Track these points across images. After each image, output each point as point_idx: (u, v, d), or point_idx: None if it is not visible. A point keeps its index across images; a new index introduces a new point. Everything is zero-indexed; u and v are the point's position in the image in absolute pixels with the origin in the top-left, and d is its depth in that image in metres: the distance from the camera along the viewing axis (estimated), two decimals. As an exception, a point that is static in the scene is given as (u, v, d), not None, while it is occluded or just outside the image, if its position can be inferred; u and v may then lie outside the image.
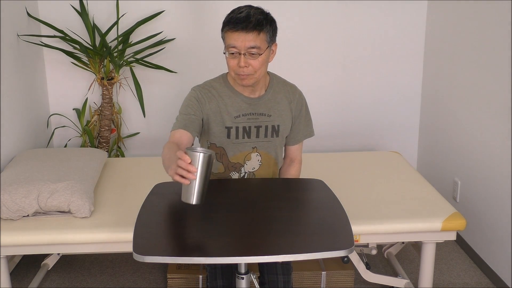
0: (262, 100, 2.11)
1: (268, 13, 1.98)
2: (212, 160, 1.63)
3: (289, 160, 2.29)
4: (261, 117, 2.11)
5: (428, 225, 2.34)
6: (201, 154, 1.60)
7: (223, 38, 1.97)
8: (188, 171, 1.58)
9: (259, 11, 1.95)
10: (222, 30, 1.96)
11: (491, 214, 2.87)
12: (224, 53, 1.98)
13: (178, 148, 1.89)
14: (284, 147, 2.28)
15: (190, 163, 1.58)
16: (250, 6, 1.96)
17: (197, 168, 1.60)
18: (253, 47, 1.91)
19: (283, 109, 2.14)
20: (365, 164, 3.00)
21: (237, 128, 2.09)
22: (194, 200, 1.63)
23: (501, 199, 2.77)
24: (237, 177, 2.17)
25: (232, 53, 1.94)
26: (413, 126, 3.79)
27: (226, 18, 1.96)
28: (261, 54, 1.94)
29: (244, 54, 1.92)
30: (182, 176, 1.59)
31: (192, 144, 2.06)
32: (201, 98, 2.06)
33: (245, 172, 2.17)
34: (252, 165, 2.16)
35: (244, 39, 1.90)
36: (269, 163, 2.19)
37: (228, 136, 2.10)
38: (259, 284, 1.99)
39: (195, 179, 1.60)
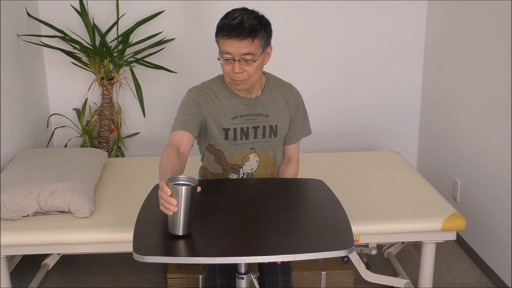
0: (259, 100, 2.11)
1: (262, 16, 1.96)
2: (195, 190, 1.63)
3: (287, 160, 2.28)
4: (259, 118, 2.11)
5: (428, 225, 2.34)
6: (183, 188, 1.59)
7: (217, 43, 1.97)
8: (169, 203, 1.59)
9: (253, 15, 1.93)
10: (216, 35, 1.96)
11: (491, 214, 2.87)
12: (218, 59, 1.97)
13: (177, 154, 1.89)
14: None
15: (171, 195, 1.60)
16: (244, 10, 1.95)
17: (181, 201, 1.60)
18: (247, 54, 1.91)
19: (280, 109, 2.14)
20: (365, 164, 3.00)
21: (234, 129, 2.09)
22: (180, 231, 1.64)
23: (501, 199, 2.77)
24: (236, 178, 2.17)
25: (227, 59, 1.94)
26: (413, 126, 3.79)
27: (219, 23, 1.94)
28: (256, 60, 1.94)
29: (239, 61, 1.92)
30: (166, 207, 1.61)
31: (194, 141, 2.06)
32: (198, 99, 2.06)
33: (244, 173, 2.17)
34: (251, 166, 2.16)
35: (238, 46, 1.89)
36: (268, 164, 2.18)
37: (226, 137, 2.09)
38: (259, 284, 1.99)
39: (178, 210, 1.61)
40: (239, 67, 1.93)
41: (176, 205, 1.59)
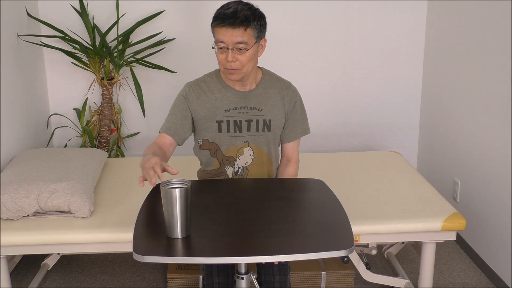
0: (253, 94, 2.14)
1: (257, 8, 2.02)
2: (189, 190, 1.62)
3: (286, 160, 2.28)
4: (252, 111, 2.14)
5: (428, 225, 2.34)
6: (177, 190, 1.60)
7: (213, 32, 2.03)
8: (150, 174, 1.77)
9: (247, 7, 1.99)
10: (212, 25, 2.01)
11: (491, 214, 2.87)
12: (213, 47, 2.02)
13: (160, 149, 2.04)
14: (280, 146, 2.29)
15: (165, 200, 1.62)
16: (239, 2, 2.01)
17: (176, 204, 1.61)
18: (240, 42, 1.96)
19: (274, 104, 2.16)
20: (365, 164, 3.00)
21: (228, 122, 2.12)
22: (179, 235, 1.64)
23: (501, 199, 2.77)
24: (231, 172, 2.18)
25: (221, 48, 1.99)
26: (413, 126, 3.79)
27: (215, 13, 2.01)
28: (248, 49, 1.99)
29: (232, 49, 1.98)
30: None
31: (180, 142, 2.15)
32: (189, 95, 2.14)
33: (239, 167, 2.18)
34: (245, 159, 2.17)
35: (231, 35, 1.95)
36: (262, 159, 2.19)
37: (220, 130, 2.13)
38: (258, 284, 2.00)
39: (175, 214, 1.61)
40: (232, 55, 1.98)
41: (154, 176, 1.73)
